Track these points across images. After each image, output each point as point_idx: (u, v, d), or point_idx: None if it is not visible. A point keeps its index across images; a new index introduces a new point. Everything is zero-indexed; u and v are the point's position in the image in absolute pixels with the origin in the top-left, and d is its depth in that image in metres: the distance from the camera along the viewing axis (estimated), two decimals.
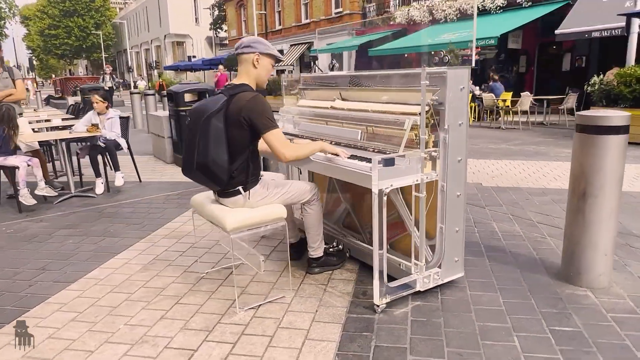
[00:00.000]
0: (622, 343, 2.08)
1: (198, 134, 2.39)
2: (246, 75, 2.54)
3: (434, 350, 2.08)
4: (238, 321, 2.39)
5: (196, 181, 2.55)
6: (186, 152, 2.50)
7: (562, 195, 4.55)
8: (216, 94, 2.50)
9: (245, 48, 2.52)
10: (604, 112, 2.45)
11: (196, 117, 2.43)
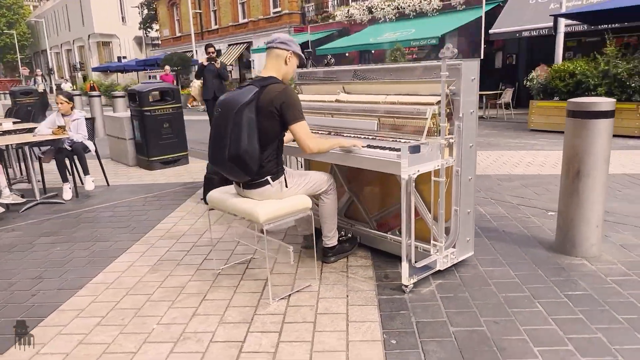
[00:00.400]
0: (627, 301, 2.36)
1: (230, 124, 2.40)
2: (276, 70, 2.58)
3: (470, 320, 2.24)
4: (274, 311, 2.43)
5: (225, 172, 2.55)
6: (214, 144, 2.50)
7: (528, 180, 4.96)
8: (245, 86, 2.51)
9: (281, 44, 2.57)
10: (592, 99, 2.75)
11: (227, 108, 2.43)
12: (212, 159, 2.57)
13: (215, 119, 2.52)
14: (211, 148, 2.55)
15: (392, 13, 18.08)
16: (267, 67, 2.61)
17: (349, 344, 2.10)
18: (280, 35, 2.62)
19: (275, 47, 2.59)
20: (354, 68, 3.17)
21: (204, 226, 3.84)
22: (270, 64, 2.61)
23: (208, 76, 7.80)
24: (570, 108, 2.82)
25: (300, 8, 23.76)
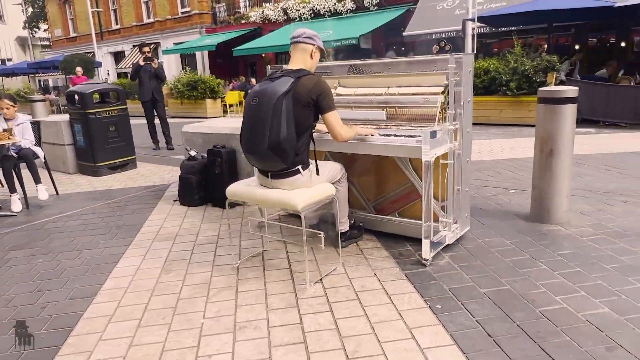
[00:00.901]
0: (606, 254, 2.83)
1: (270, 113, 2.47)
2: (303, 63, 2.68)
3: (494, 282, 2.55)
4: (314, 294, 2.53)
5: (260, 161, 2.62)
6: (252, 133, 2.56)
7: (477, 165, 5.49)
8: (278, 77, 2.58)
9: (307, 39, 2.69)
10: (560, 88, 3.22)
11: (267, 97, 2.50)
12: (248, 148, 2.62)
13: (251, 108, 2.57)
14: (248, 137, 2.60)
15: (307, 14, 18.50)
16: (295, 60, 2.72)
17: (400, 313, 2.29)
18: (305, 30, 2.73)
19: (302, 41, 2.70)
20: (349, 63, 3.36)
21: (193, 226, 3.78)
22: (297, 58, 2.72)
23: (144, 77, 7.48)
24: (541, 96, 3.27)
25: (211, 8, 23.29)
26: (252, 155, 2.63)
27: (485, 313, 2.25)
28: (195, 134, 4.54)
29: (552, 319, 2.17)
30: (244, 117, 2.65)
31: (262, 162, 2.63)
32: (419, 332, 2.13)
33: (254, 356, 2.02)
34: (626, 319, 2.13)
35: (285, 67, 2.73)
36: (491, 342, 2.02)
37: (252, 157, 2.64)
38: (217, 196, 4.20)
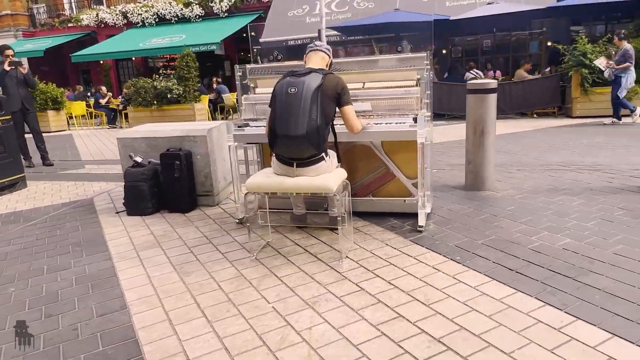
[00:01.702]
0: (539, 205, 3.70)
1: (310, 102, 2.69)
2: (320, 67, 2.96)
3: (481, 235, 3.16)
4: (352, 267, 2.80)
5: (294, 147, 2.79)
6: (289, 119, 2.73)
7: None
8: (305, 73, 2.79)
9: (327, 50, 3.07)
10: (484, 81, 4.04)
11: (305, 88, 2.74)
12: (285, 133, 2.76)
13: (288, 96, 2.75)
14: (285, 123, 2.75)
15: (151, 18, 17.63)
16: (315, 62, 3.01)
17: (435, 267, 2.73)
18: (325, 43, 3.06)
19: (323, 50, 3.04)
20: None
21: (167, 232, 3.63)
22: (316, 61, 3.02)
23: (10, 84, 6.49)
24: (470, 87, 4.05)
25: (27, 9, 20.42)
26: (287, 141, 2.78)
27: (495, 256, 2.83)
28: (137, 139, 4.27)
29: (541, 251, 2.85)
30: (278, 105, 2.79)
31: (295, 148, 2.80)
32: (460, 277, 2.59)
33: (348, 320, 2.23)
34: (586, 243, 2.93)
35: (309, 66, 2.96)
36: (514, 274, 2.59)
37: (287, 142, 2.79)
38: (178, 201, 4.08)
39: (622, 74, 8.07)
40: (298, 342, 2.08)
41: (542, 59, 14.80)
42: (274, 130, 2.81)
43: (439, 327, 2.12)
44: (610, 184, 4.23)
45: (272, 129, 2.82)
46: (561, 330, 2.03)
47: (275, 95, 2.88)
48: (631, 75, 8.10)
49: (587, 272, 2.55)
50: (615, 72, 8.13)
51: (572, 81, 9.47)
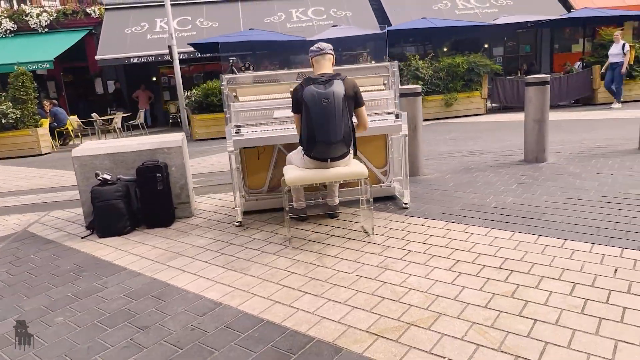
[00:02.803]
0: (467, 181, 4.76)
1: (341, 109, 3.12)
2: (330, 68, 3.36)
3: (452, 202, 4.01)
4: (387, 240, 3.33)
5: (333, 149, 3.19)
6: (329, 126, 3.11)
7: None
8: (327, 80, 3.19)
9: (331, 51, 3.39)
10: (412, 86, 4.98)
11: (336, 97, 3.12)
12: (325, 139, 3.13)
13: (324, 107, 3.10)
14: (324, 129, 3.11)
15: None
16: (326, 67, 3.37)
17: (445, 228, 3.45)
18: (327, 44, 3.40)
19: (330, 53, 3.39)
20: (297, 71, 4.09)
21: (170, 245, 3.57)
22: (326, 65, 3.38)
23: None
24: (404, 92, 4.94)
25: None
26: (327, 145, 3.15)
27: (477, 215, 3.69)
28: (98, 156, 3.97)
29: (503, 206, 3.82)
30: (314, 115, 3.11)
31: (332, 150, 3.20)
32: (492, 234, 3.29)
33: (425, 270, 2.78)
34: (523, 198, 4.02)
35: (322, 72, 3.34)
36: (501, 223, 3.48)
37: (327, 146, 3.16)
38: (159, 215, 3.97)
39: None
40: (407, 291, 2.55)
41: None
42: (314, 137, 3.16)
43: (489, 262, 2.84)
44: (497, 161, 5.60)
45: (311, 135, 3.16)
46: (539, 244, 2.95)
47: (307, 105, 3.16)
48: None
49: (541, 213, 3.59)
50: None
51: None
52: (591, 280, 2.50)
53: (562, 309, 2.24)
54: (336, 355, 2.03)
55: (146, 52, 14.01)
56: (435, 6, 15.65)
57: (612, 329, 2.06)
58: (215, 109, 10.89)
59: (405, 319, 2.28)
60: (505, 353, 1.95)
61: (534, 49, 17.85)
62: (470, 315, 2.26)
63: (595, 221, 3.34)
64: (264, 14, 15.33)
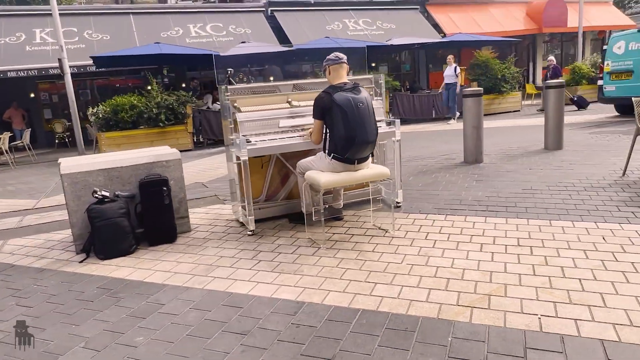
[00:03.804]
0: (431, 181, 5.33)
1: (373, 113, 3.45)
2: (346, 78, 3.61)
3: (434, 199, 4.51)
4: (408, 234, 3.67)
5: (366, 149, 3.46)
6: (366, 129, 3.40)
7: None
8: (351, 88, 3.49)
9: (346, 60, 3.63)
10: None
11: (367, 102, 3.44)
12: (363, 140, 3.39)
13: (359, 110, 3.38)
14: (362, 132, 3.38)
15: None
16: (345, 75, 3.63)
17: (447, 219, 3.91)
18: (342, 54, 3.64)
19: (345, 62, 3.64)
20: (292, 83, 4.26)
21: (195, 260, 3.47)
22: (344, 74, 3.63)
23: None
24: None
25: None
26: (364, 146, 3.41)
27: (465, 207, 4.23)
28: (91, 172, 3.65)
29: (480, 199, 4.42)
30: (352, 117, 3.34)
31: (367, 149, 3.48)
32: (490, 221, 3.80)
33: (460, 254, 3.18)
34: (490, 191, 4.68)
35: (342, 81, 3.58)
36: (489, 212, 4.05)
37: (363, 147, 3.42)
38: (163, 231, 3.81)
39: None
40: (463, 271, 2.92)
41: None
42: (353, 137, 3.38)
43: (507, 242, 3.35)
44: (442, 164, 6.31)
45: (350, 136, 3.38)
46: (533, 225, 3.60)
47: (343, 108, 3.38)
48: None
49: (514, 202, 4.26)
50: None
51: None
52: (592, 246, 3.13)
53: (592, 269, 2.80)
54: (451, 327, 2.30)
55: (26, 66, 12.53)
56: (328, 27, 16.62)
57: (630, 278, 2.66)
58: (127, 126, 10.23)
59: (480, 291, 2.63)
60: (578, 304, 2.41)
61: (413, 68, 19.92)
62: (529, 282, 2.70)
63: (560, 204, 4.08)
64: (159, 28, 14.76)
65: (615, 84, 9.86)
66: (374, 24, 17.36)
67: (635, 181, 4.68)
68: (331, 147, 3.53)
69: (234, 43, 14.53)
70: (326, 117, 3.53)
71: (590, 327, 2.21)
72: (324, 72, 3.74)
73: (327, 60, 3.69)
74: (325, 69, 3.71)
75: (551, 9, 19.04)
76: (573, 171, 5.27)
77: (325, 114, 3.51)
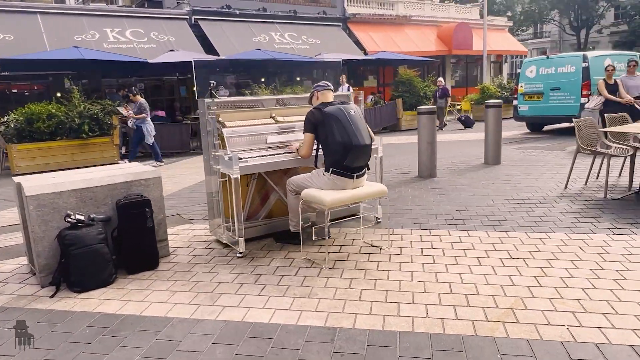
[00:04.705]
0: (396, 195, 5.46)
1: (364, 119, 3.54)
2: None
3: (409, 212, 4.62)
4: (403, 250, 3.70)
5: (363, 155, 3.49)
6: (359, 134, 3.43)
7: None
8: (340, 103, 3.54)
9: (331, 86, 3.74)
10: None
11: (357, 110, 3.53)
12: (360, 144, 3.41)
13: (350, 116, 3.45)
14: (357, 137, 3.40)
15: None
16: (330, 98, 3.66)
17: (432, 234, 4.02)
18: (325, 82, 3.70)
19: (330, 88, 3.69)
20: (275, 97, 4.14)
21: (192, 287, 3.19)
22: (331, 97, 3.67)
23: None
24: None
25: None
26: (360, 150, 3.42)
27: (441, 220, 4.39)
28: (61, 194, 3.19)
29: (450, 213, 4.62)
30: (346, 124, 3.37)
31: (365, 155, 3.50)
32: (473, 234, 3.97)
33: (463, 269, 3.29)
34: (456, 203, 4.91)
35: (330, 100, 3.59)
36: (487, 223, 4.24)
37: (360, 150, 3.42)
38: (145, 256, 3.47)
39: (142, 124, 9.48)
40: (474, 286, 3.01)
41: (191, 102, 16.85)
42: (349, 143, 3.36)
43: (500, 255, 3.53)
44: (399, 179, 6.50)
45: (346, 142, 3.36)
46: (513, 237, 3.86)
47: (336, 118, 3.40)
48: (149, 124, 9.59)
49: (484, 216, 4.51)
50: (136, 122, 9.50)
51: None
52: (576, 256, 3.41)
53: (587, 278, 3.04)
54: (493, 343, 2.35)
55: None
56: (255, 39, 16.46)
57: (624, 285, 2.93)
58: (43, 137, 9.19)
59: (502, 306, 2.73)
60: (594, 313, 2.60)
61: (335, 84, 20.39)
62: (539, 294, 2.86)
63: (526, 217, 4.40)
64: (72, 32, 13.54)
65: (528, 104, 10.94)
66: (299, 38, 17.53)
67: (577, 194, 5.19)
68: (328, 161, 3.49)
69: (157, 50, 13.82)
70: (319, 131, 3.51)
71: (615, 334, 2.38)
72: (311, 98, 3.81)
73: (316, 86, 3.78)
74: (314, 95, 3.76)
75: (459, 33, 20.70)
76: (521, 185, 5.72)
77: (317, 128, 3.51)
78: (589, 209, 4.56)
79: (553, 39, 40.45)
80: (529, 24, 36.92)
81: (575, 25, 34.60)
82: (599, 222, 4.14)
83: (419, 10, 21.82)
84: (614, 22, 34.67)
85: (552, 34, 40.38)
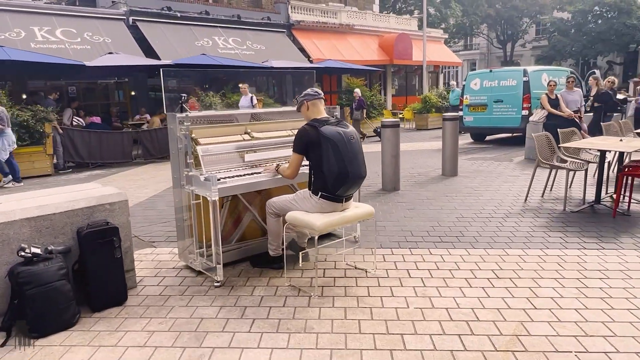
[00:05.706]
0: None
1: (362, 150, 3.32)
2: (324, 113, 3.43)
3: (386, 230, 4.53)
4: (391, 272, 3.58)
5: (358, 184, 3.32)
6: (358, 163, 3.25)
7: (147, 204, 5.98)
8: (338, 122, 3.31)
9: (323, 95, 3.46)
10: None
11: (356, 136, 3.30)
12: (358, 175, 3.25)
13: (350, 144, 3.22)
14: (355, 166, 3.22)
15: None
16: (323, 111, 3.42)
17: (413, 253, 3.95)
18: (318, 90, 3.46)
19: (322, 97, 3.44)
20: (250, 112, 3.90)
21: (170, 325, 2.86)
22: (322, 109, 3.42)
23: None
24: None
25: None
26: (357, 181, 3.25)
27: (419, 237, 4.33)
28: (12, 223, 2.73)
29: (426, 230, 4.58)
30: (344, 152, 3.14)
31: (358, 185, 3.32)
32: (454, 252, 3.92)
33: (457, 292, 3.22)
34: (429, 218, 4.89)
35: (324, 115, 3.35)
36: (463, 239, 4.22)
37: (356, 182, 3.25)
38: (113, 291, 3.08)
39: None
40: (471, 311, 2.95)
41: (128, 107, 15.92)
42: (346, 173, 3.16)
43: (487, 275, 3.52)
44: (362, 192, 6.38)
45: (343, 172, 3.15)
46: (493, 254, 3.90)
47: (335, 143, 3.14)
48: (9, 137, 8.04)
49: (457, 232, 4.52)
50: None
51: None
52: (558, 274, 3.46)
53: (575, 297, 3.08)
54: None
55: None
56: (198, 43, 15.86)
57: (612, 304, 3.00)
58: None
59: (505, 332, 2.68)
60: (595, 336, 2.61)
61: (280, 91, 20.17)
62: (537, 317, 2.84)
63: (498, 232, 4.46)
64: None
65: (473, 115, 11.36)
66: (244, 44, 17.14)
67: (538, 207, 5.37)
68: (318, 184, 3.28)
69: (92, 52, 12.91)
70: (310, 152, 3.26)
71: (621, 358, 2.40)
72: (300, 107, 3.47)
73: (304, 95, 3.44)
74: (303, 104, 3.44)
75: (400, 43, 21.23)
76: (484, 197, 5.83)
77: (309, 149, 3.25)
78: (554, 223, 4.70)
79: (482, 51, 42.82)
80: (460, 37, 38.81)
81: (502, 39, 36.85)
82: (567, 237, 4.26)
83: (361, 19, 22.15)
84: (535, 37, 37.32)
85: (481, 46, 42.74)
